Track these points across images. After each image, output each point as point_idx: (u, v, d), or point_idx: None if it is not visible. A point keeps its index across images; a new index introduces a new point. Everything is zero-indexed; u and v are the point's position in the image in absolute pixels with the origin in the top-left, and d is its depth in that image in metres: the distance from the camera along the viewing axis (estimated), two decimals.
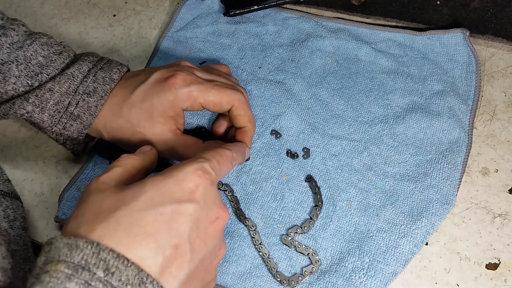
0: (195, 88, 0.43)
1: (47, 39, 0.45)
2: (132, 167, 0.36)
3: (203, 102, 0.43)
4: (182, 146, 0.44)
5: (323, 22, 0.57)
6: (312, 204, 0.46)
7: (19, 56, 0.43)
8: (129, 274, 0.27)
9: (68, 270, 0.26)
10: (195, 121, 0.51)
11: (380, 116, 0.50)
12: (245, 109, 0.45)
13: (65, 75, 0.44)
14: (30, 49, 0.43)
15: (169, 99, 0.43)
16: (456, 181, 0.45)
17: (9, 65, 0.43)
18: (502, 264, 0.42)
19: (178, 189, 0.31)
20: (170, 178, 0.32)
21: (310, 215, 0.45)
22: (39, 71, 0.43)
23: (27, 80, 0.43)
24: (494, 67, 0.53)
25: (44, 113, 0.44)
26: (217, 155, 0.36)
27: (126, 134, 0.45)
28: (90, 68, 0.45)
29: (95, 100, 0.44)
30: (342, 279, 0.42)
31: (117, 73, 0.46)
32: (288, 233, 0.44)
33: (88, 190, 0.33)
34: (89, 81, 0.44)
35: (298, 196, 0.46)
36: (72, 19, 0.64)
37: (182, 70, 0.44)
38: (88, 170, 0.50)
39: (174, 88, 0.42)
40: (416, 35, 0.54)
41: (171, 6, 0.63)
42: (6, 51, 0.43)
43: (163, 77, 0.44)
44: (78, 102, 0.44)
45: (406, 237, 0.43)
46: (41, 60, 0.44)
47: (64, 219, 0.47)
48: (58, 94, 0.44)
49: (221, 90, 0.44)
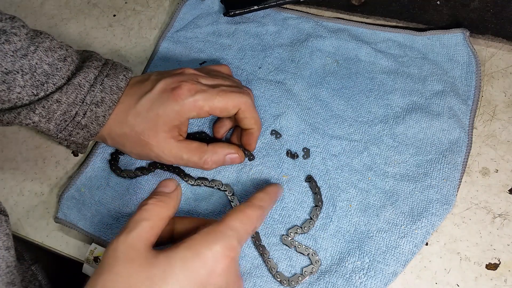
0: (201, 97, 0.43)
1: (49, 43, 0.44)
2: (159, 220, 0.34)
3: (209, 109, 0.43)
4: (186, 151, 0.45)
5: (323, 22, 0.57)
6: (312, 204, 0.46)
7: (24, 65, 0.42)
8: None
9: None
10: (195, 121, 0.51)
11: (380, 116, 0.50)
12: (251, 111, 0.45)
13: (72, 85, 0.43)
14: (34, 57, 0.42)
15: (175, 109, 0.43)
16: (456, 181, 0.45)
17: (14, 75, 0.42)
18: (502, 264, 0.42)
19: (206, 273, 0.32)
20: (198, 259, 0.32)
21: (310, 215, 0.45)
22: (44, 81, 0.43)
23: (33, 90, 0.43)
24: (494, 67, 0.53)
25: (51, 123, 0.44)
26: (245, 219, 0.35)
27: (130, 142, 0.45)
28: (96, 76, 0.45)
29: (103, 110, 0.44)
30: (342, 279, 0.42)
31: (124, 80, 0.46)
32: (288, 233, 0.44)
33: (115, 254, 0.31)
34: (97, 90, 0.44)
35: (298, 196, 0.46)
36: (72, 19, 0.64)
37: (187, 81, 0.44)
38: (88, 170, 0.50)
39: (180, 99, 0.43)
40: (416, 35, 0.54)
41: (171, 6, 0.63)
42: (10, 59, 0.41)
43: (169, 87, 0.43)
44: (85, 112, 0.44)
45: (406, 237, 0.43)
46: (46, 68, 0.43)
47: (64, 220, 0.47)
48: (65, 105, 0.43)
49: (227, 96, 0.44)
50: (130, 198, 0.48)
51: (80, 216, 0.47)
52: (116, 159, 0.50)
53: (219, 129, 0.49)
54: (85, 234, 0.47)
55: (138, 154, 0.46)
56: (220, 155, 0.46)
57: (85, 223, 0.47)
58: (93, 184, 0.49)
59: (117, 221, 0.47)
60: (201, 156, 0.45)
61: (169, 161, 0.45)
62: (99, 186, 0.49)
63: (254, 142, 0.47)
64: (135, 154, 0.47)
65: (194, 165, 0.46)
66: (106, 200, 0.48)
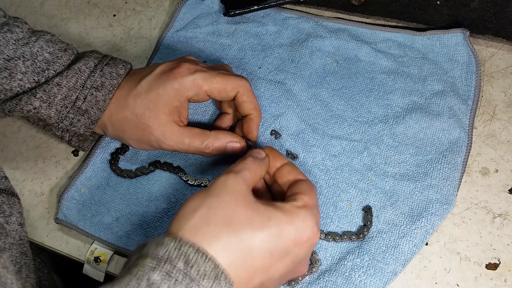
0: (200, 76, 0.44)
1: (50, 37, 0.46)
2: (256, 174, 0.38)
3: (208, 89, 0.44)
4: (188, 135, 0.45)
5: (323, 22, 0.57)
6: None
7: (25, 52, 0.43)
8: (206, 268, 0.30)
9: (152, 263, 0.30)
10: (196, 118, 0.51)
11: (380, 116, 0.50)
12: (250, 95, 0.45)
13: (72, 70, 0.44)
14: (36, 45, 0.44)
15: (175, 87, 0.43)
16: (456, 181, 0.45)
17: (16, 61, 0.43)
18: (502, 264, 0.42)
19: (294, 240, 0.35)
20: (291, 225, 0.34)
21: None
22: (45, 67, 0.44)
23: (34, 77, 0.43)
24: (494, 67, 0.53)
25: (52, 108, 0.44)
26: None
27: (130, 126, 0.45)
28: (96, 64, 0.46)
29: (103, 94, 0.45)
30: (341, 277, 0.42)
31: (123, 69, 0.46)
32: None
33: (225, 185, 0.35)
34: (97, 75, 0.45)
35: None
36: (72, 19, 0.64)
37: (187, 61, 0.45)
38: (88, 170, 0.50)
39: (179, 77, 0.43)
40: (416, 35, 0.54)
41: (171, 6, 0.63)
42: (12, 47, 0.43)
43: (168, 68, 0.45)
44: (86, 96, 0.45)
45: (406, 237, 0.43)
46: (47, 56, 0.44)
47: (64, 221, 0.47)
48: (65, 89, 0.44)
49: (226, 77, 0.44)
50: (130, 198, 0.48)
51: (80, 217, 0.47)
52: (116, 159, 0.50)
53: (220, 126, 0.49)
54: (85, 235, 0.47)
55: (138, 139, 0.46)
56: (222, 141, 0.45)
57: (85, 223, 0.47)
58: (93, 184, 0.49)
59: (117, 221, 0.47)
60: (203, 140, 0.45)
61: (169, 146, 0.45)
62: (99, 186, 0.49)
63: (255, 129, 0.47)
64: (135, 141, 0.46)
65: (195, 151, 0.45)
66: (106, 200, 0.48)
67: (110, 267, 0.47)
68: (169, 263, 0.30)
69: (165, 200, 0.47)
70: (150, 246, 0.31)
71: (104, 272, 0.46)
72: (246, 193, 0.35)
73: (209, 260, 0.31)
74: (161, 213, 0.47)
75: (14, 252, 0.38)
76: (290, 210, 0.35)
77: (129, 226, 0.46)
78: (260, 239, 0.33)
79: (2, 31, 0.43)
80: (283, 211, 0.35)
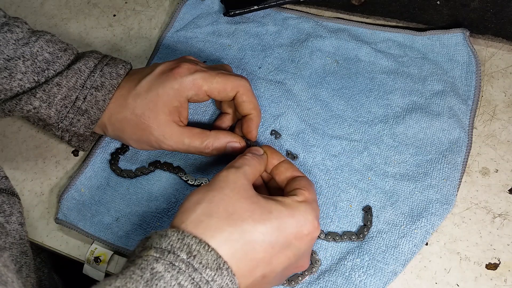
0: (200, 76, 0.44)
1: (50, 37, 0.46)
2: (255, 170, 0.38)
3: (208, 89, 0.44)
4: (188, 135, 0.45)
5: (323, 22, 0.57)
6: None
7: (25, 52, 0.43)
8: (209, 259, 0.31)
9: (156, 254, 0.30)
10: (196, 118, 0.51)
11: (380, 116, 0.50)
12: (249, 95, 0.45)
13: (72, 70, 0.45)
14: (36, 45, 0.44)
15: (174, 87, 0.43)
16: (456, 181, 0.45)
17: (16, 61, 0.43)
18: (502, 264, 0.42)
19: (294, 233, 0.35)
20: (292, 219, 0.35)
21: None
22: (45, 67, 0.44)
23: (34, 76, 0.44)
24: (494, 67, 0.53)
25: (51, 108, 0.44)
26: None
27: (130, 126, 0.45)
28: (96, 64, 0.46)
29: (103, 94, 0.45)
30: (341, 277, 0.42)
31: (123, 69, 0.47)
32: None
33: (227, 179, 0.36)
34: (96, 75, 0.45)
35: None
36: (72, 19, 0.64)
37: (187, 61, 0.45)
38: (88, 170, 0.50)
39: (179, 77, 0.43)
40: (416, 35, 0.54)
41: (171, 6, 0.63)
42: (12, 47, 0.43)
43: (168, 68, 0.45)
44: (86, 96, 0.45)
45: (406, 237, 0.43)
46: (47, 56, 0.44)
47: (64, 221, 0.47)
48: (65, 89, 0.44)
49: (225, 77, 0.44)
50: (130, 198, 0.48)
51: (80, 217, 0.47)
52: (116, 159, 0.50)
53: (220, 126, 0.49)
54: (85, 235, 0.47)
55: (138, 139, 0.46)
56: (222, 141, 0.45)
57: (85, 224, 0.47)
58: (93, 184, 0.49)
59: (117, 221, 0.47)
60: (203, 140, 0.45)
61: (169, 146, 0.45)
62: (99, 186, 0.49)
63: (255, 129, 0.47)
64: (134, 141, 0.46)
65: (195, 151, 0.45)
66: (106, 200, 0.48)
67: (110, 267, 0.47)
68: (172, 253, 0.30)
69: (165, 200, 0.47)
70: (153, 238, 0.32)
71: (104, 272, 0.46)
72: (247, 187, 0.36)
73: (212, 251, 0.31)
74: (161, 213, 0.47)
75: (14, 251, 0.38)
76: (291, 204, 0.36)
77: (129, 226, 0.46)
78: (261, 232, 0.33)
79: (2, 31, 0.43)
80: (284, 204, 0.36)
